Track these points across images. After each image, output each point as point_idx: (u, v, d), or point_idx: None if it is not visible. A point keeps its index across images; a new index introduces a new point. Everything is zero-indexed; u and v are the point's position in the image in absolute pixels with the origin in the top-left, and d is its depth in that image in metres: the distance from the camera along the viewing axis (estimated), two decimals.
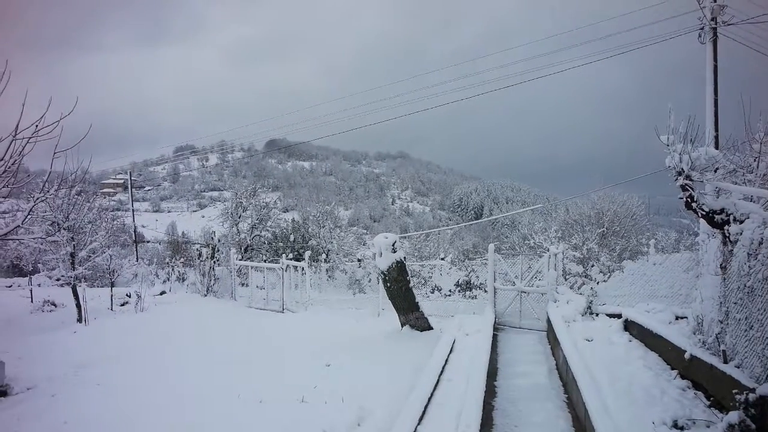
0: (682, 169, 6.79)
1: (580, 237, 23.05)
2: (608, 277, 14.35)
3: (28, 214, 13.85)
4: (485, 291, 17.05)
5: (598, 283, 14.09)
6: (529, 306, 14.90)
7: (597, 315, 12.37)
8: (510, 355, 11.24)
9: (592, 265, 16.46)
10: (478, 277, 19.61)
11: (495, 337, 12.55)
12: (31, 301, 23.57)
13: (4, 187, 13.26)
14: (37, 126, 12.79)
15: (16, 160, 13.14)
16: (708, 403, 6.56)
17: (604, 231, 24.40)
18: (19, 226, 13.85)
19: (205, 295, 23.69)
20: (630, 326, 10.37)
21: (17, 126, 12.77)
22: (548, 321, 12.59)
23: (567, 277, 15.53)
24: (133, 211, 44.13)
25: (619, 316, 11.12)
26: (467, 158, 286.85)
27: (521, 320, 14.83)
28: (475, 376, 8.10)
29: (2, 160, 12.93)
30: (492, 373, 9.38)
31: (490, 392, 8.33)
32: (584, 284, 14.80)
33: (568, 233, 25.64)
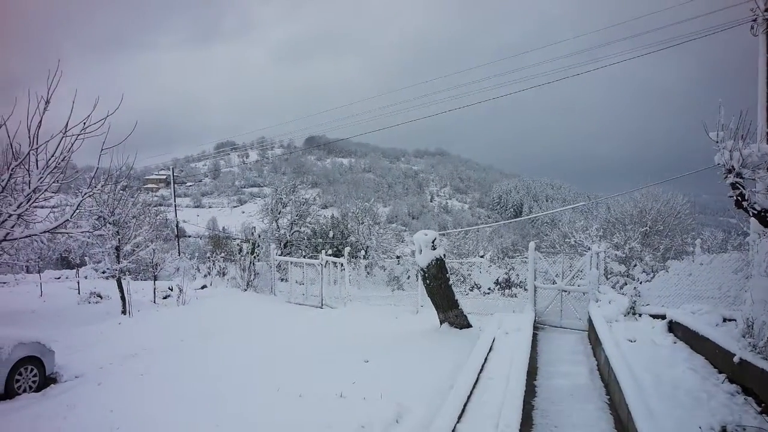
0: (733, 166, 6.59)
1: (622, 236, 22.59)
2: (652, 277, 14.04)
3: (77, 208, 14.23)
4: (525, 289, 16.87)
5: (641, 282, 13.80)
6: (569, 305, 14.69)
7: (640, 315, 12.11)
8: (550, 355, 11.10)
9: (635, 265, 16.13)
10: (518, 275, 19.42)
11: (535, 336, 12.40)
12: (79, 293, 24.19)
13: (54, 182, 13.66)
14: (84, 124, 13.13)
15: (65, 157, 13.53)
16: (759, 409, 6.36)
17: (647, 230, 23.86)
18: (68, 220, 14.25)
19: (245, 290, 23.96)
20: (675, 327, 10.13)
21: (67, 123, 13.14)
22: (589, 320, 12.39)
23: (609, 276, 15.25)
24: (175, 206, 44.82)
25: (663, 317, 10.88)
26: (507, 155, 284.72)
27: (562, 319, 14.63)
28: (515, 375, 8.01)
29: (53, 156, 13.34)
30: (532, 373, 9.27)
31: (530, 392, 8.24)
32: (626, 284, 14.52)
33: (610, 232, 25.14)
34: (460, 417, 6.58)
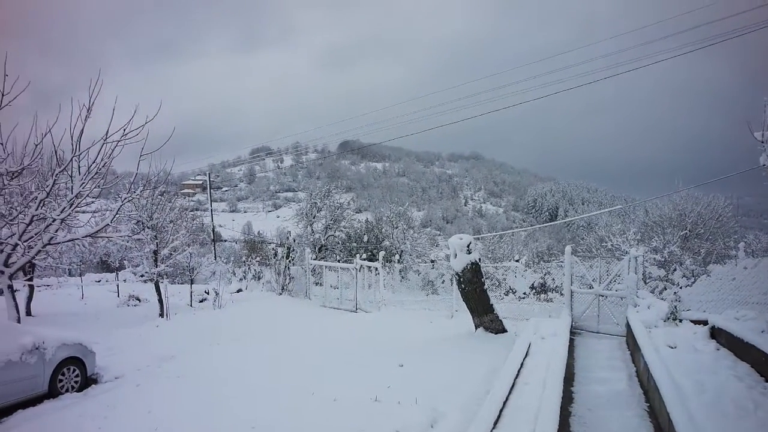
0: None
1: (660, 240, 22.16)
2: (693, 282, 13.73)
3: (117, 213, 14.55)
4: (561, 294, 16.68)
5: (681, 287, 13.51)
6: (607, 310, 14.44)
7: (680, 321, 11.83)
8: (587, 361, 10.93)
9: (675, 269, 15.83)
10: (553, 279, 19.24)
11: (572, 342, 12.24)
12: (118, 296, 24.73)
13: (95, 188, 14.00)
14: (125, 130, 13.44)
15: (106, 163, 13.86)
16: None
17: (686, 233, 23.36)
18: (108, 224, 14.57)
19: (280, 294, 24.14)
20: (717, 334, 9.88)
21: (107, 130, 13.47)
22: (627, 326, 12.17)
23: (647, 281, 14.99)
24: (211, 211, 45.46)
25: (705, 322, 10.62)
26: (542, 158, 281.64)
27: (599, 324, 14.40)
28: (551, 380, 7.90)
29: (94, 162, 13.67)
30: (569, 379, 9.15)
31: (567, 398, 8.12)
32: (666, 289, 14.24)
33: (648, 236, 24.66)
34: (495, 423, 6.52)
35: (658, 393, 6.90)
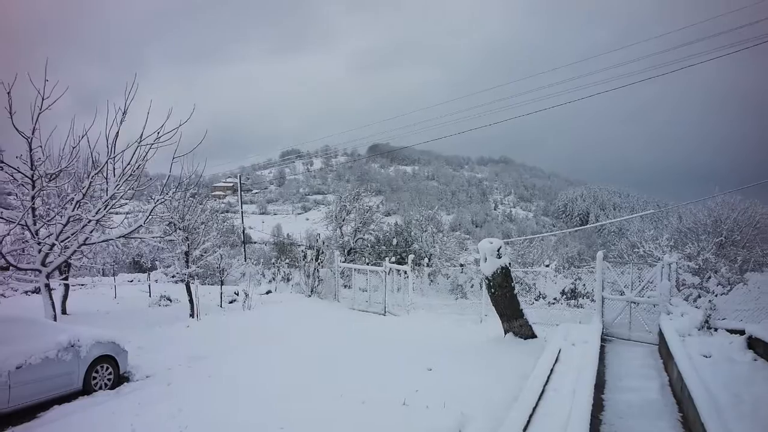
0: None
1: (694, 246, 21.76)
2: (729, 290, 13.43)
3: (149, 214, 14.81)
4: (592, 300, 16.48)
5: (716, 295, 13.22)
6: (639, 317, 14.21)
7: (715, 330, 11.58)
8: (618, 368, 10.77)
9: (709, 277, 15.51)
10: (584, 285, 19.00)
11: (602, 348, 12.08)
12: (149, 296, 25.09)
13: (129, 189, 14.26)
14: (158, 133, 13.68)
15: (140, 165, 14.12)
16: None
17: (722, 240, 22.89)
18: (141, 225, 14.83)
19: (309, 296, 24.25)
20: (755, 344, 9.65)
21: (142, 133, 13.73)
22: (660, 334, 11.96)
23: (681, 288, 14.72)
24: (242, 213, 45.85)
25: (741, 332, 10.37)
26: (573, 163, 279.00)
27: (631, 332, 14.17)
28: (582, 387, 7.80)
29: (128, 164, 13.93)
30: (599, 386, 9.02)
31: (598, 405, 8.01)
32: (700, 296, 13.97)
33: (682, 242, 24.23)
34: (525, 429, 6.46)
35: (693, 403, 6.77)
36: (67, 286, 20.31)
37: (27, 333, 9.30)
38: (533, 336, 12.94)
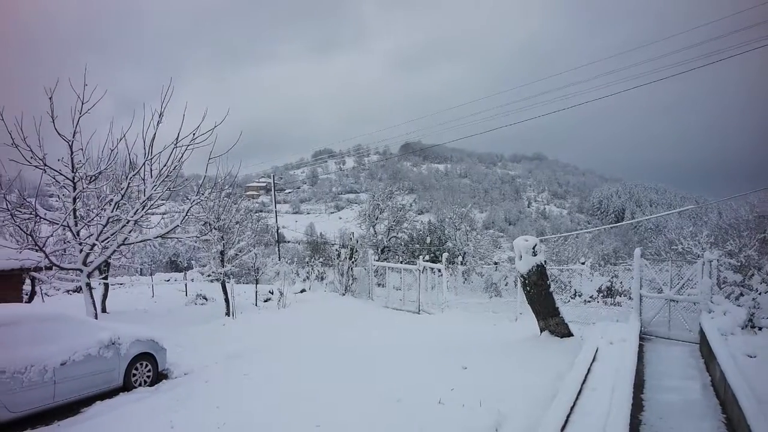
0: None
1: (736, 243, 21.22)
2: None
3: (186, 214, 15.02)
4: (629, 298, 16.20)
5: (760, 293, 12.90)
6: (678, 315, 13.93)
7: (759, 329, 11.29)
8: (658, 367, 10.57)
9: (752, 274, 15.14)
10: (621, 283, 18.70)
11: (641, 347, 11.88)
12: (186, 295, 25.50)
13: (165, 190, 14.50)
14: (194, 134, 13.87)
15: (176, 166, 14.34)
16: None
17: (765, 237, 22.29)
18: (177, 225, 15.06)
19: (343, 294, 24.33)
20: None
21: (178, 135, 13.94)
22: (701, 332, 11.71)
23: (722, 286, 14.38)
24: (276, 212, 46.20)
25: None
26: (608, 159, 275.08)
27: (670, 330, 13.90)
28: (620, 386, 7.67)
29: (165, 166, 14.16)
30: (638, 385, 8.87)
31: (637, 405, 7.87)
32: (743, 294, 13.63)
33: (722, 239, 23.64)
34: (563, 428, 6.39)
35: (737, 405, 6.61)
36: (106, 285, 20.76)
37: (70, 331, 9.52)
38: (569, 334, 12.78)
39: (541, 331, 12.91)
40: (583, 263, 20.75)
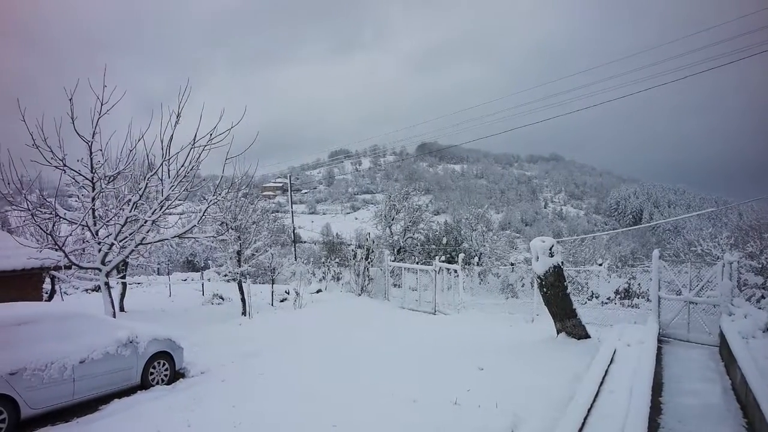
0: None
1: (757, 244, 20.92)
2: None
3: (203, 214, 15.11)
4: (647, 300, 16.05)
5: None
6: (697, 318, 13.75)
7: None
8: (677, 370, 10.46)
9: None
10: (639, 285, 18.52)
11: (659, 350, 11.76)
12: (202, 294, 25.66)
13: (183, 190, 14.59)
14: (211, 135, 13.94)
15: (193, 167, 14.42)
16: None
17: None
18: (195, 225, 15.15)
19: (359, 295, 24.34)
20: None
21: (195, 136, 14.02)
22: (721, 335, 11.57)
23: (743, 288, 14.19)
24: (292, 213, 46.36)
25: None
26: (626, 159, 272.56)
27: (689, 333, 13.74)
28: (638, 389, 7.60)
29: (182, 166, 14.25)
30: (656, 388, 8.78)
31: (655, 408, 7.79)
32: (764, 297, 13.44)
33: (743, 240, 23.36)
34: (580, 430, 6.34)
35: (759, 409, 6.52)
36: (124, 285, 20.94)
37: (89, 329, 9.61)
38: (586, 336, 12.69)
39: (558, 333, 12.84)
40: (600, 265, 20.56)
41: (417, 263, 26.71)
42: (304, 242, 62.66)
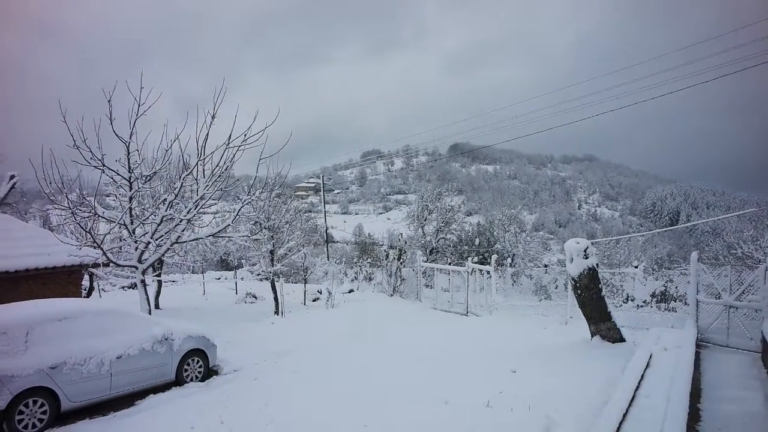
0: None
1: None
2: None
3: (237, 214, 15.25)
4: (685, 303, 15.71)
5: None
6: (738, 323, 13.40)
7: None
8: (716, 376, 10.21)
9: None
10: (676, 288, 18.16)
11: (697, 355, 11.49)
12: (236, 293, 25.90)
13: (217, 190, 14.75)
14: (245, 135, 14.07)
15: (228, 167, 14.57)
16: None
17: None
18: (229, 224, 15.31)
19: (391, 295, 24.33)
20: None
21: (230, 136, 14.16)
22: (763, 341, 11.26)
23: None
24: (324, 212, 46.57)
25: None
26: (662, 160, 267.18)
27: (729, 338, 13.40)
28: (676, 395, 7.44)
29: (217, 166, 14.41)
30: (695, 394, 8.58)
31: (694, 415, 7.61)
32: None
33: None
34: None
35: None
36: (160, 282, 21.27)
37: (126, 326, 9.82)
38: (621, 340, 12.47)
39: (592, 336, 12.64)
40: (635, 267, 20.19)
41: (449, 264, 26.62)
42: (337, 242, 62.82)
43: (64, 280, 14.86)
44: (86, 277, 20.44)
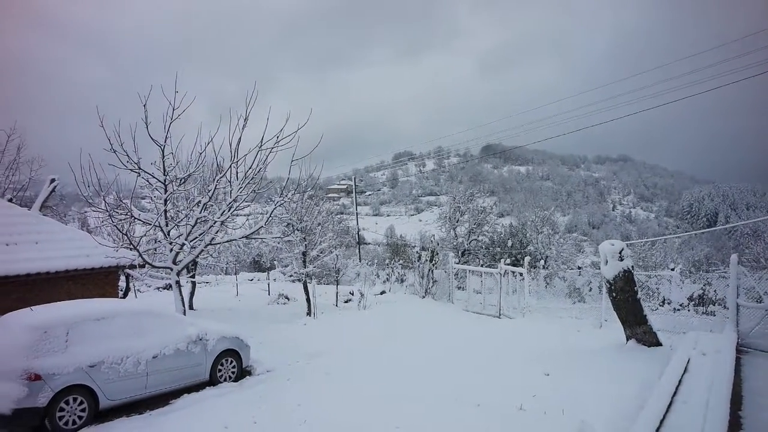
0: None
1: None
2: None
3: (270, 215, 15.40)
4: (724, 307, 15.34)
5: None
6: None
7: None
8: (758, 383, 9.92)
9: None
10: (715, 291, 17.75)
11: (738, 360, 11.19)
12: (268, 294, 26.07)
13: (250, 192, 14.90)
14: (278, 138, 14.19)
15: (260, 169, 14.71)
16: None
17: None
18: (262, 226, 15.45)
19: (423, 297, 24.24)
20: None
21: (262, 138, 14.30)
22: None
23: None
24: (356, 214, 46.68)
25: None
26: (699, 160, 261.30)
27: None
28: (715, 401, 7.26)
29: (250, 168, 14.56)
30: (735, 401, 8.35)
31: (734, 423, 7.40)
32: None
33: None
34: None
35: None
36: (194, 284, 21.53)
37: (161, 326, 9.98)
38: (658, 343, 12.24)
39: (627, 339, 12.43)
40: (672, 269, 19.80)
41: (481, 266, 26.46)
42: (368, 244, 62.88)
43: (101, 281, 15.15)
44: (123, 278, 20.80)
